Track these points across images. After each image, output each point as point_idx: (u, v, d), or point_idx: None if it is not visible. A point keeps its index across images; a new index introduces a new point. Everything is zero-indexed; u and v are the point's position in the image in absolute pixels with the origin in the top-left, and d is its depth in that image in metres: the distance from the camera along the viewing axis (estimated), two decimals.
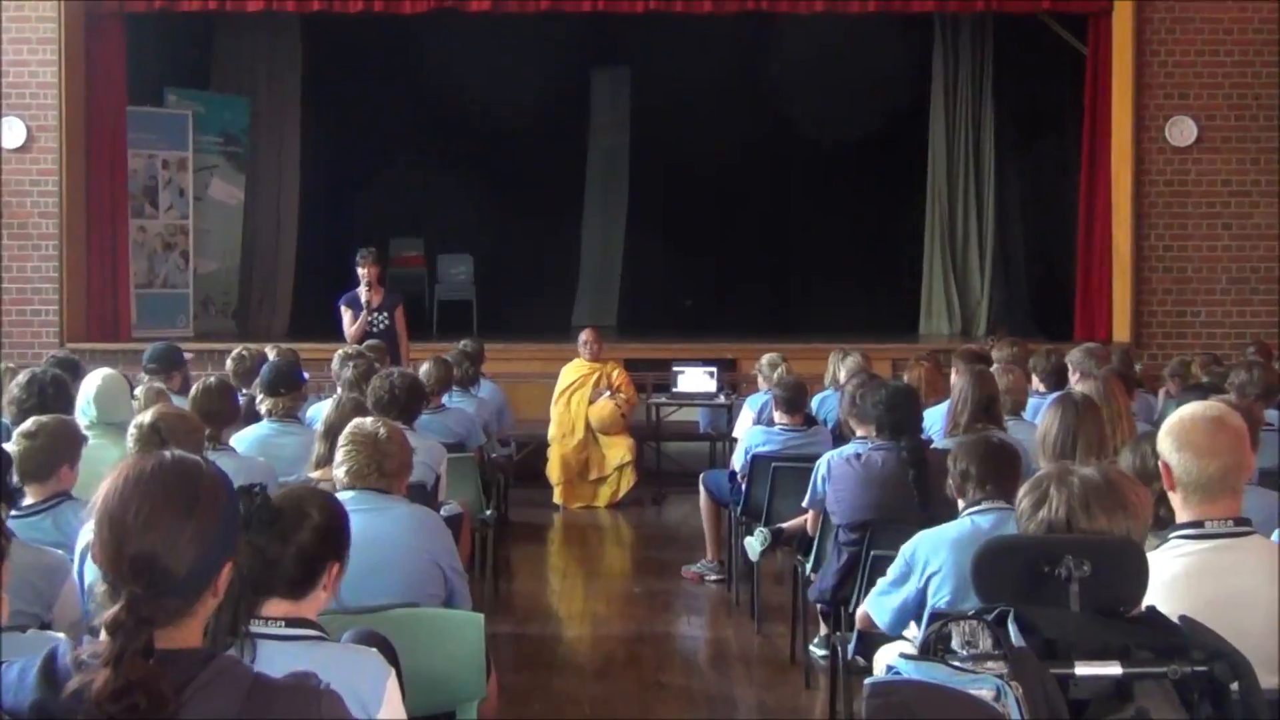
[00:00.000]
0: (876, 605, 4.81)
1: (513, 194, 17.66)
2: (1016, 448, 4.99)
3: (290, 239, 17.03)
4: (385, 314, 11.32)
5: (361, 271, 11.29)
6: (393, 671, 3.12)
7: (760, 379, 10.34)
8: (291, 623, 3.14)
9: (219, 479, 2.40)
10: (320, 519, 3.29)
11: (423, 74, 16.97)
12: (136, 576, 2.26)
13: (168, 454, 2.40)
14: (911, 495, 5.94)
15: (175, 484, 2.33)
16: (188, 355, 9.90)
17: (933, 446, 6.20)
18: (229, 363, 9.04)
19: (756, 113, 17.66)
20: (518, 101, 16.90)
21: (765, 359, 10.40)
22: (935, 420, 7.28)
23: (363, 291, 11.25)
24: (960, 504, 4.82)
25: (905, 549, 4.73)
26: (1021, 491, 3.45)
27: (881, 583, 4.84)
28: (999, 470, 4.77)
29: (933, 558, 4.63)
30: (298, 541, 3.22)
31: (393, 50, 16.51)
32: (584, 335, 12.45)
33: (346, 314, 11.33)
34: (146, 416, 5.33)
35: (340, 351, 8.68)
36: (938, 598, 4.57)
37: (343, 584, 4.31)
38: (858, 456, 6.24)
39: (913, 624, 4.72)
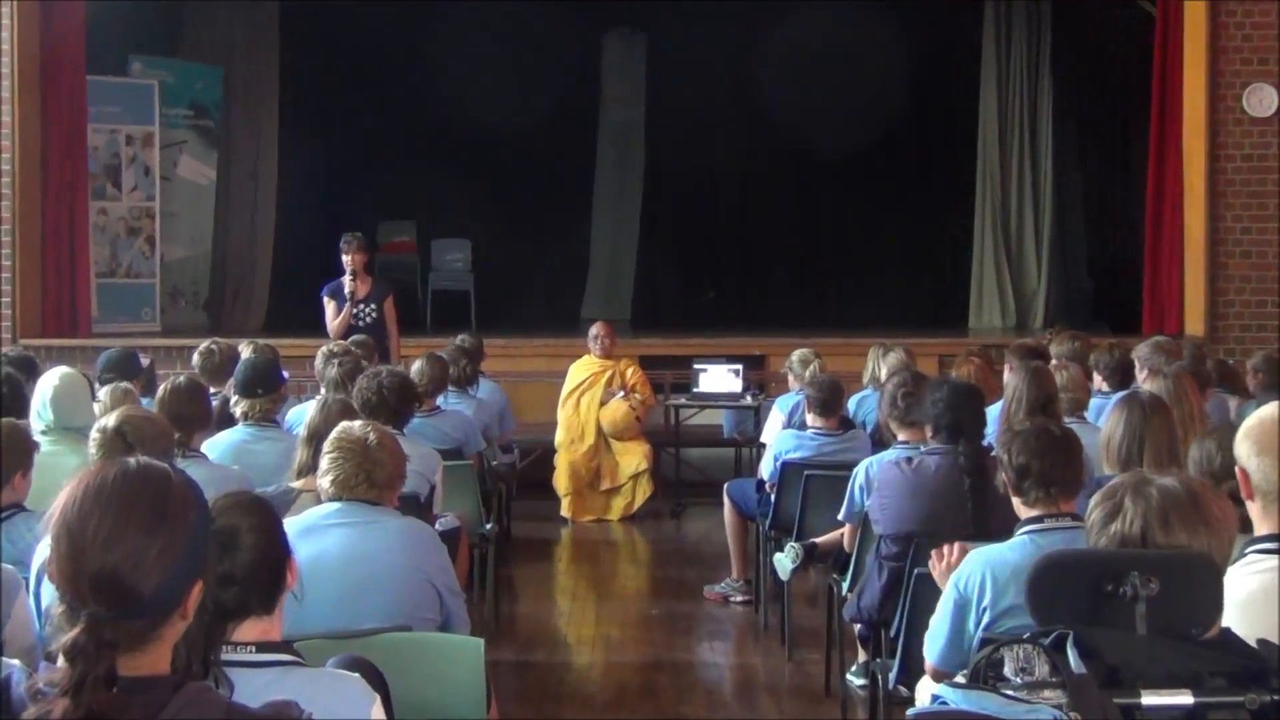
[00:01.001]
0: (935, 648, 4.66)
1: (515, 173, 17.69)
2: (1079, 438, 4.89)
3: (268, 222, 17.07)
4: (373, 306, 11.33)
5: (346, 259, 11.29)
6: (378, 698, 3.12)
7: (791, 378, 10.32)
8: (264, 647, 3.15)
9: (189, 489, 2.41)
10: (254, 520, 3.29)
11: (415, 40, 17.00)
12: (98, 596, 2.26)
13: (132, 461, 2.40)
14: (965, 507, 5.90)
15: (141, 495, 2.34)
16: (150, 349, 9.91)
17: (993, 454, 6.15)
18: (196, 358, 8.96)
19: (786, 85, 17.63)
20: (521, 70, 16.93)
21: (796, 355, 10.38)
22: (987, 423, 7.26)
23: (347, 281, 11.26)
24: (1017, 502, 4.72)
25: (956, 579, 4.62)
26: (1093, 501, 3.41)
27: (938, 618, 4.68)
28: (1064, 467, 4.65)
29: (989, 588, 4.54)
30: (249, 549, 3.23)
31: (381, 13, 16.53)
32: (595, 329, 12.46)
33: (330, 306, 11.34)
34: (110, 420, 5.34)
35: (323, 348, 8.69)
36: (993, 632, 4.52)
37: (327, 606, 4.35)
38: (909, 460, 6.20)
39: None
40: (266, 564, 3.23)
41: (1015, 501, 4.73)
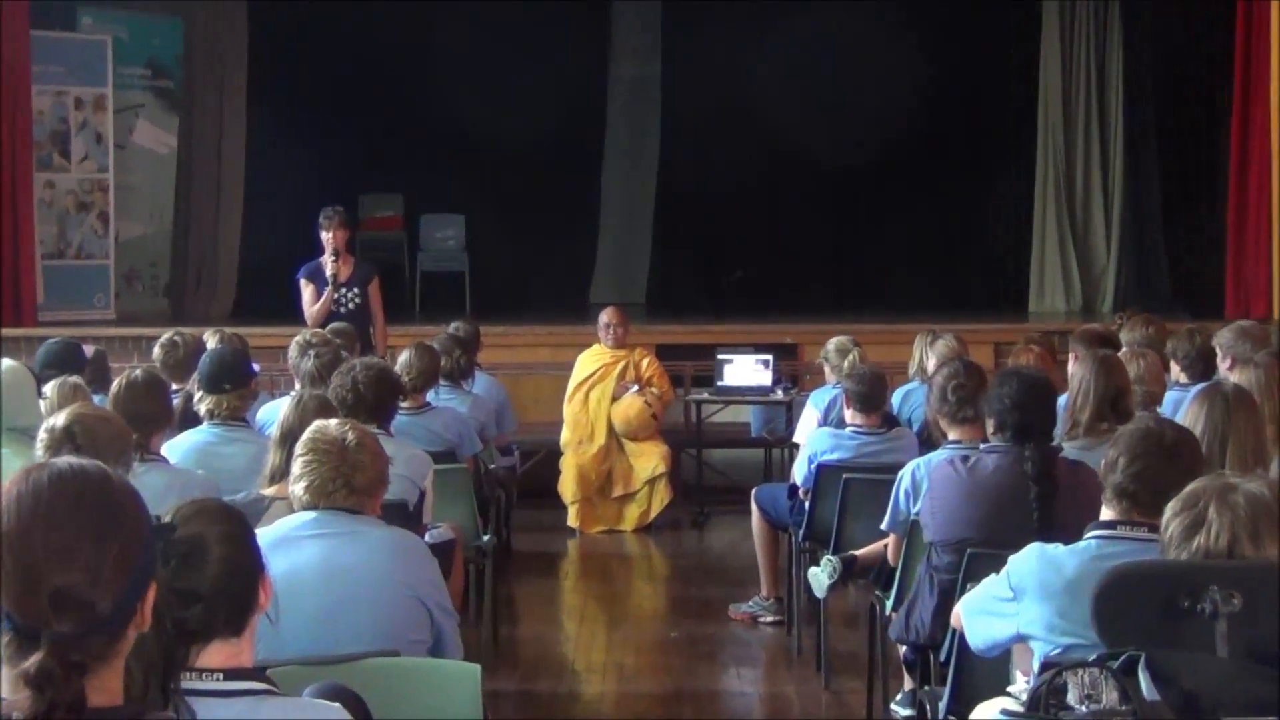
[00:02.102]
0: (975, 621, 4.75)
1: (514, 139, 17.66)
2: (1197, 444, 4.84)
3: (235, 196, 17.07)
4: (355, 290, 11.33)
5: (325, 236, 11.29)
6: None
7: (827, 369, 10.32)
8: (232, 674, 3.16)
9: (129, 486, 2.44)
10: (222, 529, 3.30)
11: None
12: (60, 616, 2.28)
13: (62, 463, 2.42)
14: (1030, 515, 5.90)
15: (85, 499, 2.35)
16: (103, 340, 9.91)
17: (1062, 456, 6.15)
18: (157, 350, 8.97)
19: (825, 43, 17.60)
20: (520, 24, 16.91)
21: (833, 344, 10.37)
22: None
23: (327, 262, 11.27)
24: (1104, 494, 4.69)
25: (1013, 567, 4.64)
26: (1169, 511, 3.40)
27: (982, 592, 4.76)
28: (1155, 477, 4.59)
29: (1038, 600, 4.54)
30: (217, 562, 3.24)
31: None
32: (605, 316, 12.46)
33: (307, 290, 11.35)
34: (59, 419, 5.35)
35: (298, 337, 8.70)
36: (1045, 649, 4.52)
37: (303, 627, 4.36)
38: (964, 459, 6.19)
39: (1018, 672, 4.70)
40: (236, 580, 3.24)
41: (1104, 495, 4.71)
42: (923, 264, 18.14)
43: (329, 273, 11.23)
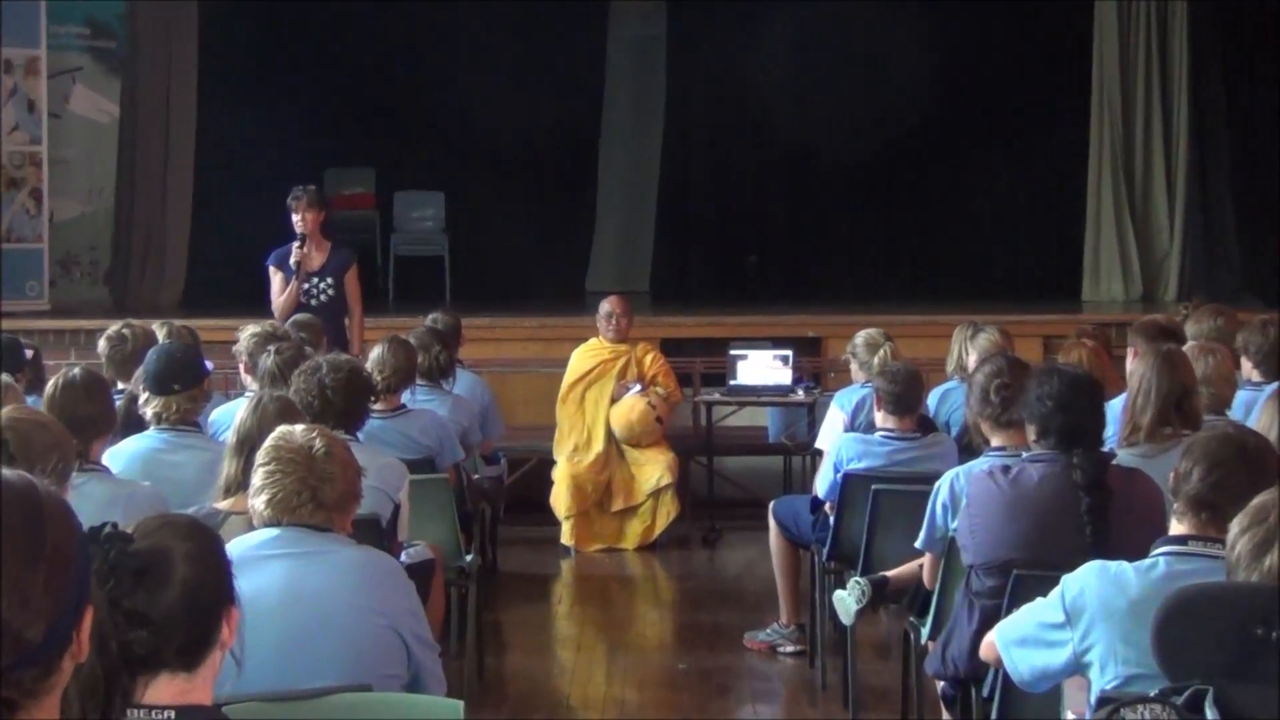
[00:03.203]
0: (1018, 651, 4.76)
1: (501, 106, 17.64)
2: (1269, 456, 4.84)
3: (185, 170, 17.04)
4: (328, 280, 11.34)
5: (296, 219, 11.31)
6: None
7: (855, 366, 10.31)
8: (185, 712, 3.17)
9: (58, 500, 2.43)
10: (193, 550, 3.31)
11: None
12: None
13: None
14: (1082, 531, 5.90)
15: (13, 517, 2.35)
16: (36, 333, 9.89)
17: (1115, 463, 6.15)
18: (103, 345, 8.96)
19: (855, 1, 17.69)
20: None
21: (861, 338, 10.36)
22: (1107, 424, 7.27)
23: (294, 249, 11.26)
24: (1175, 507, 4.70)
25: (1067, 587, 4.65)
26: (1235, 527, 3.40)
27: (1026, 618, 4.77)
28: (1233, 488, 4.59)
29: (1099, 623, 4.56)
30: (179, 585, 3.24)
31: None
32: (606, 305, 12.45)
33: (276, 277, 11.36)
34: None
35: (250, 328, 8.70)
36: (1104, 679, 4.54)
37: (265, 659, 4.37)
38: (1005, 470, 6.19)
39: (1070, 713, 4.71)
40: (195, 608, 3.24)
41: (1172, 508, 4.72)
42: (963, 248, 18.14)
43: (293, 260, 11.24)
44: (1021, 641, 4.73)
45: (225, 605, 3.28)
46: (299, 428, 4.96)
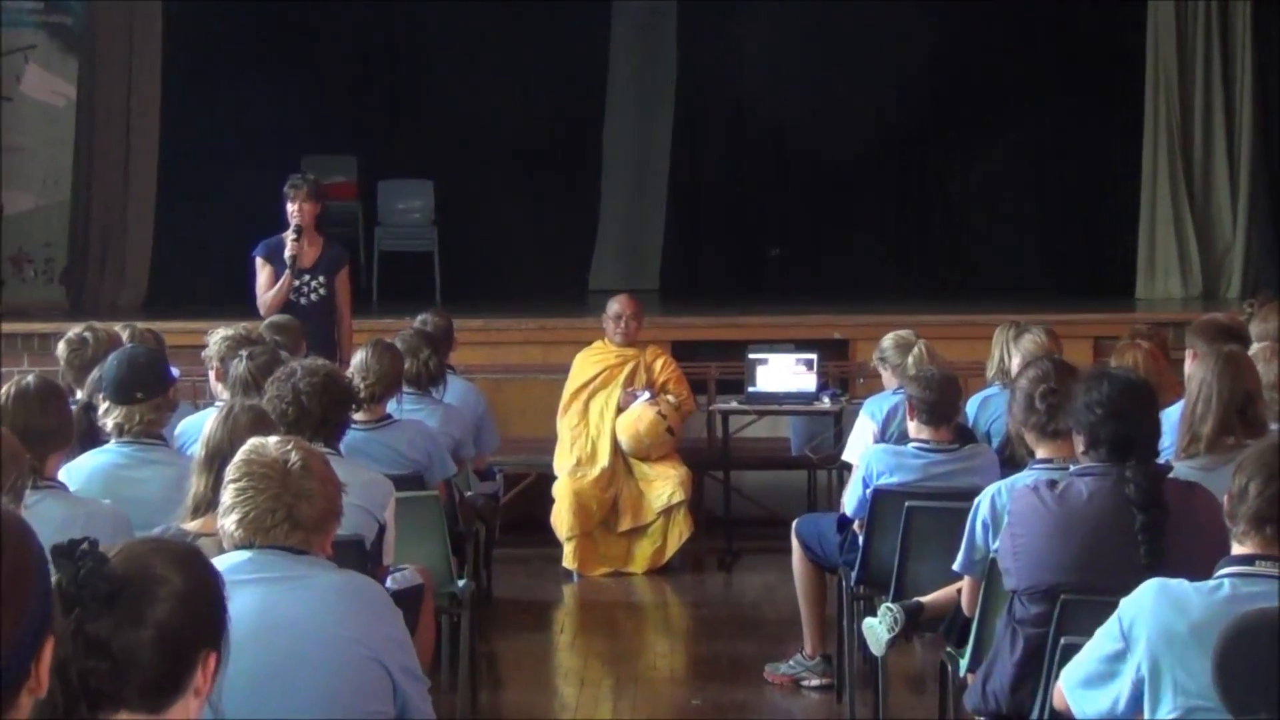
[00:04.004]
0: (1084, 694, 4.74)
1: (496, 87, 17.66)
2: None
3: (148, 159, 17.02)
4: (320, 278, 11.34)
5: (292, 209, 11.31)
6: None
7: (885, 371, 10.31)
8: None
9: (18, 521, 2.43)
10: (182, 583, 3.30)
11: None
12: None
13: None
14: (1136, 552, 5.89)
15: None
16: None
17: (1172, 476, 6.14)
18: (62, 350, 8.95)
19: None
20: None
21: (891, 339, 10.35)
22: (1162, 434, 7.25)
23: (289, 240, 11.26)
24: (1237, 527, 4.70)
25: (1124, 609, 4.65)
26: None
27: (1087, 655, 4.75)
28: None
29: (1157, 648, 4.56)
30: (153, 621, 3.23)
31: None
32: (616, 305, 12.44)
33: (263, 272, 11.35)
34: None
35: (222, 332, 8.70)
36: (1161, 712, 4.53)
37: (237, 693, 4.36)
38: (1051, 485, 6.18)
39: None
40: (166, 649, 3.21)
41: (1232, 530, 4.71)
42: (1004, 241, 18.13)
43: (287, 254, 11.24)
44: (1086, 682, 4.70)
45: (204, 650, 3.26)
46: (273, 440, 4.96)
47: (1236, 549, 4.63)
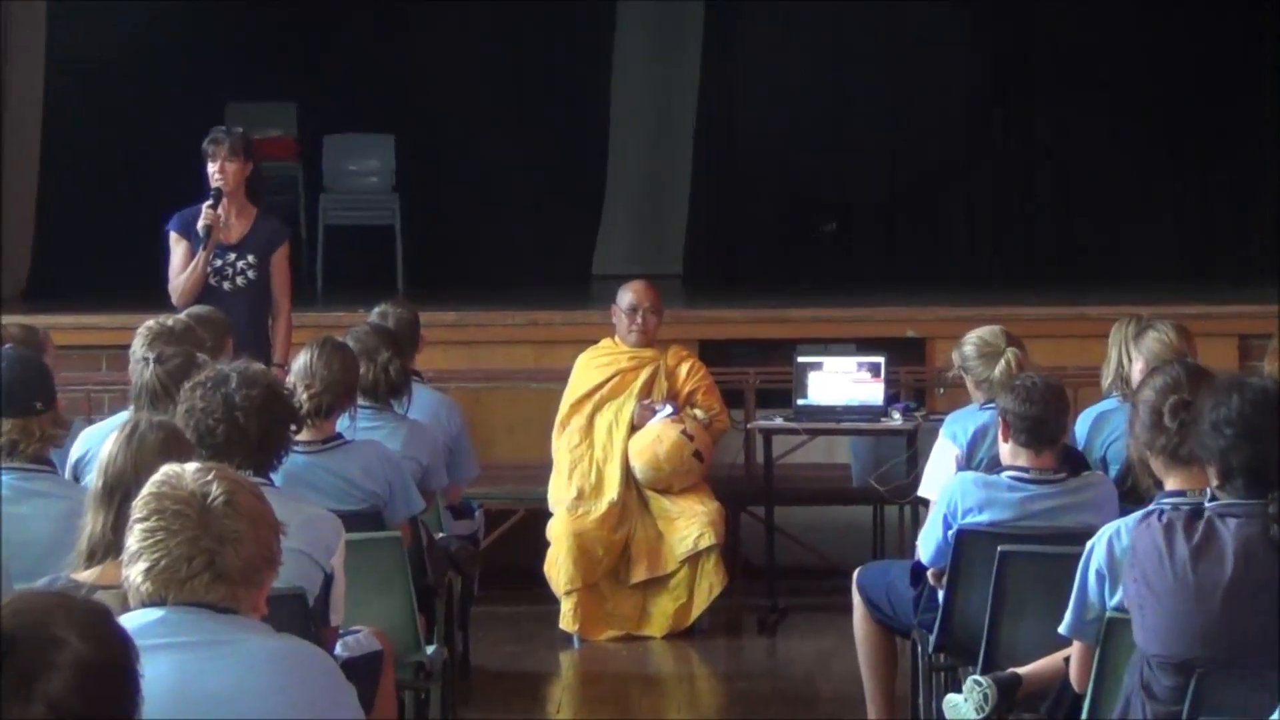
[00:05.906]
0: None
1: (472, 21, 17.71)
2: None
3: (30, 123, 17.05)
4: (250, 257, 11.40)
5: (213, 168, 11.35)
6: None
7: (970, 380, 10.31)
8: None
9: None
10: (85, 650, 3.30)
11: None
12: None
13: None
14: None
15: None
16: None
17: None
18: None
19: None
20: None
21: (972, 343, 10.32)
22: None
23: (205, 209, 11.28)
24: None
25: None
26: None
27: None
28: None
29: None
30: (43, 697, 3.23)
31: None
32: (627, 296, 12.46)
33: (178, 249, 11.40)
34: None
35: (150, 323, 8.73)
36: None
37: None
38: (1189, 525, 6.18)
39: None
40: None
41: None
42: (1123, 218, 18.15)
43: (201, 223, 11.25)
44: None
45: None
46: (190, 468, 4.94)
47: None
